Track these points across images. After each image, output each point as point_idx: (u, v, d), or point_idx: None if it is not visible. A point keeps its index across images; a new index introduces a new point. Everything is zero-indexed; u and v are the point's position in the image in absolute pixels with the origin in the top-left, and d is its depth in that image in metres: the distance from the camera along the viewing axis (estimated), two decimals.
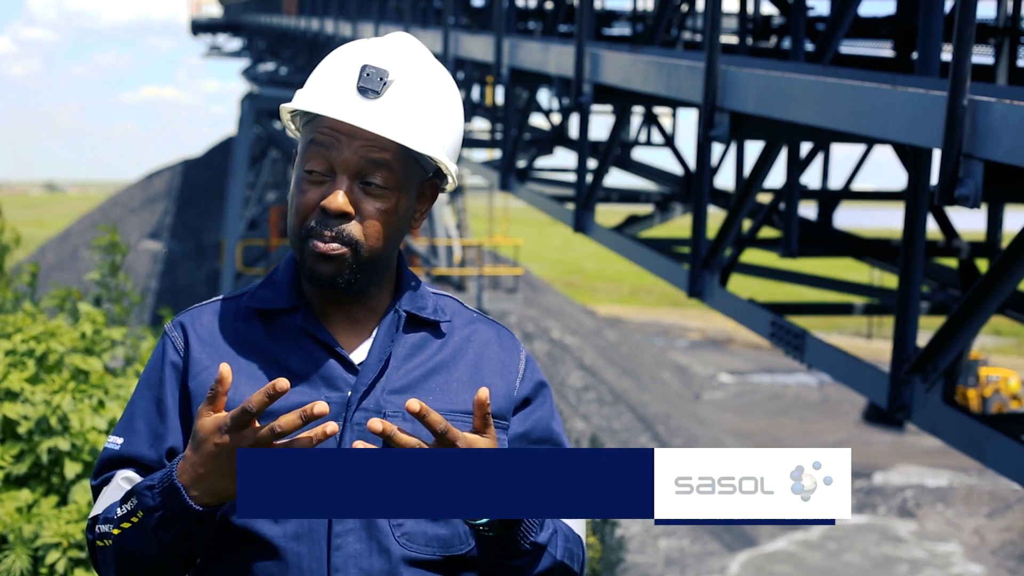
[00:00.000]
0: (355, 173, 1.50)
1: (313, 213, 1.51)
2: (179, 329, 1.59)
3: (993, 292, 3.64)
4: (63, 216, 53.47)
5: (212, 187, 28.20)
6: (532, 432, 1.62)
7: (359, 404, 1.51)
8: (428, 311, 1.60)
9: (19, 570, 3.50)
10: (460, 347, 1.60)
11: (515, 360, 1.64)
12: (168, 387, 1.56)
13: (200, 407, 1.42)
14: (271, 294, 1.59)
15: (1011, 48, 6.47)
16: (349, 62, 1.53)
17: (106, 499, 1.53)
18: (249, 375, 1.53)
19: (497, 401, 1.59)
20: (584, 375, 25.71)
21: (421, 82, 1.53)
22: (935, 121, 3.19)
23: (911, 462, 24.57)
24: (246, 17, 25.77)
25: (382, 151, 1.50)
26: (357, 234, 1.50)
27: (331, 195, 1.49)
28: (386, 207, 1.52)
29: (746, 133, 4.96)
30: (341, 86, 1.50)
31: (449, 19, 9.97)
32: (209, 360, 1.55)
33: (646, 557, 19.89)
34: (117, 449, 1.56)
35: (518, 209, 23.88)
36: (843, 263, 9.72)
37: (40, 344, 4.09)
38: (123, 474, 1.54)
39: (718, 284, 5.79)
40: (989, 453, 3.76)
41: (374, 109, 1.49)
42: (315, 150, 1.50)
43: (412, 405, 1.36)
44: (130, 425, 1.57)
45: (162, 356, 1.59)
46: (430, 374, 1.56)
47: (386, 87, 1.49)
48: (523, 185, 9.32)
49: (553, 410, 1.67)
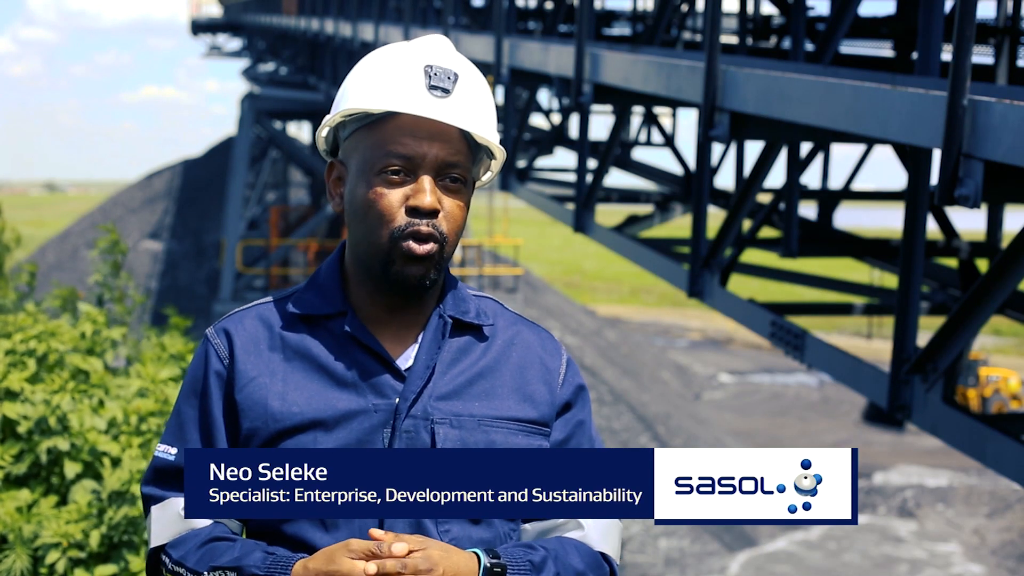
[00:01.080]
0: (438, 170, 1.51)
1: (398, 214, 1.49)
2: (223, 336, 1.58)
3: (993, 292, 3.64)
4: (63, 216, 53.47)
5: (212, 187, 28.19)
6: (571, 439, 1.62)
7: (408, 411, 1.51)
8: (471, 315, 1.60)
9: (19, 570, 3.50)
10: (504, 351, 1.60)
11: (557, 364, 1.64)
12: (213, 397, 1.55)
13: (346, 545, 1.39)
14: (316, 299, 1.58)
15: (1011, 48, 6.47)
16: (407, 63, 1.52)
17: (167, 528, 1.52)
18: (296, 383, 1.52)
19: (540, 408, 1.58)
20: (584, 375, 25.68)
21: (477, 79, 1.56)
22: (935, 121, 3.19)
23: (911, 462, 24.57)
24: (246, 17, 25.76)
25: (458, 147, 1.52)
26: (445, 230, 1.51)
27: (420, 193, 1.49)
28: (463, 202, 1.54)
29: (746, 133, 4.96)
30: (411, 86, 1.50)
31: (449, 19, 9.97)
32: (255, 370, 1.54)
33: (646, 557, 19.89)
34: (172, 460, 1.55)
35: (518, 209, 23.89)
36: (843, 263, 9.73)
37: (41, 344, 4.09)
38: (183, 503, 1.51)
39: (718, 284, 5.79)
40: (989, 453, 3.75)
41: (452, 106, 1.50)
42: (393, 148, 1.50)
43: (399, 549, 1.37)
44: (181, 434, 1.56)
45: (205, 364, 1.57)
46: (475, 379, 1.56)
47: (455, 86, 1.51)
48: (523, 185, 9.32)
49: (591, 416, 1.67)
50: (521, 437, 1.55)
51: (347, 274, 1.59)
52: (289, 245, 21.30)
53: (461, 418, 1.52)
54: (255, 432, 1.51)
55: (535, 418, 1.57)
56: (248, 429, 1.52)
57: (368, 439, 1.48)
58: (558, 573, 1.48)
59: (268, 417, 1.51)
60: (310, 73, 18.16)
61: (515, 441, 1.54)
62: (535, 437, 1.56)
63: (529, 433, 1.56)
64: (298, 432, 1.50)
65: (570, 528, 1.55)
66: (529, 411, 1.57)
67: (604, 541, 1.56)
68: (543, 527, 1.57)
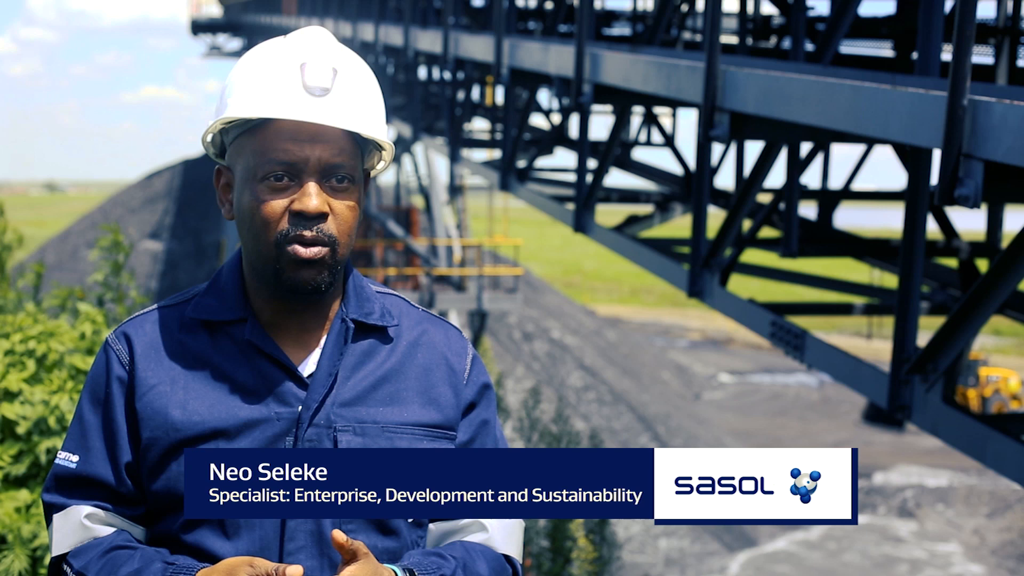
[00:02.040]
0: (323, 172, 1.47)
1: (282, 220, 1.46)
2: (123, 341, 1.55)
3: (993, 292, 3.64)
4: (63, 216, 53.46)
5: (212, 187, 28.19)
6: (475, 440, 1.60)
7: (311, 420, 1.49)
8: (375, 316, 1.57)
9: (18, 570, 3.50)
10: (408, 352, 1.58)
11: (462, 364, 1.61)
12: (116, 404, 1.52)
13: (248, 562, 1.38)
14: (215, 304, 1.55)
15: (1011, 48, 6.47)
16: (282, 63, 1.48)
17: (69, 535, 1.50)
18: (197, 391, 1.50)
19: (445, 412, 1.57)
20: (584, 375, 25.71)
21: (357, 71, 1.52)
22: (935, 121, 3.18)
23: (911, 462, 24.58)
24: (246, 17, 25.78)
25: (343, 147, 1.48)
26: (334, 232, 1.48)
27: (304, 197, 1.45)
28: (352, 201, 1.50)
29: (746, 133, 4.95)
30: (285, 87, 1.46)
31: (449, 19, 9.97)
32: (155, 378, 1.51)
33: (646, 557, 19.90)
34: (74, 468, 1.52)
35: (518, 209, 23.89)
36: (843, 263, 9.72)
37: (40, 344, 4.08)
38: (84, 511, 1.51)
39: (718, 284, 5.79)
40: (989, 453, 3.75)
41: (331, 106, 1.46)
42: (274, 154, 1.46)
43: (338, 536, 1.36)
44: (84, 442, 1.53)
45: (107, 370, 1.54)
46: (380, 383, 1.54)
47: (333, 83, 1.47)
48: (523, 185, 9.32)
49: (495, 415, 1.65)
50: (426, 443, 1.53)
51: (247, 280, 1.56)
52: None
53: (364, 425, 1.51)
54: (155, 442, 1.49)
55: (440, 422, 1.56)
56: (148, 439, 1.49)
57: (270, 448, 1.46)
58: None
59: (169, 427, 1.48)
60: None
61: (420, 447, 1.53)
62: (440, 441, 1.55)
63: (434, 438, 1.54)
64: (199, 441, 1.48)
65: (474, 530, 1.55)
66: (434, 415, 1.55)
67: (508, 543, 1.56)
68: (447, 528, 1.56)
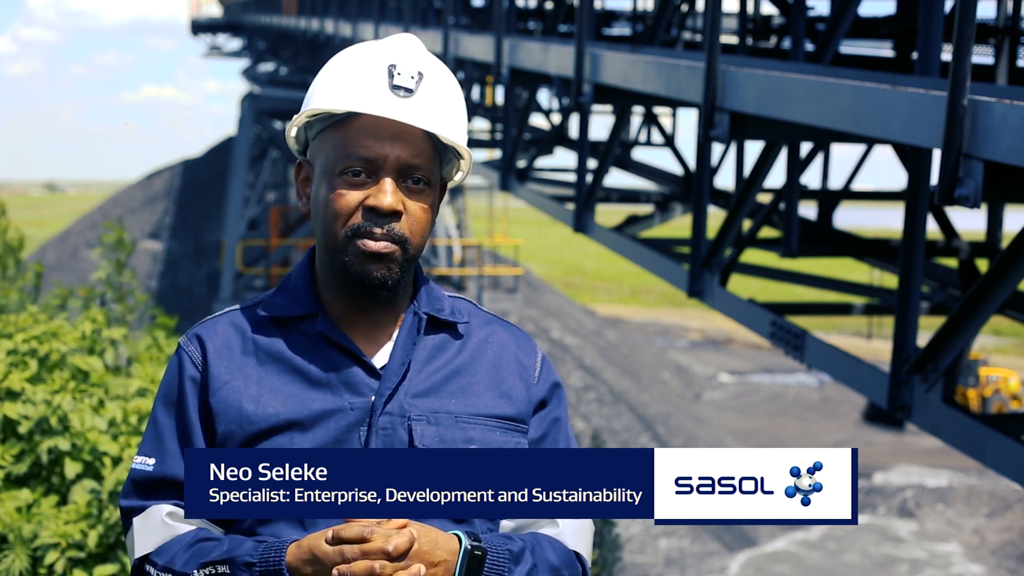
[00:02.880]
0: (400, 171, 1.50)
1: (355, 214, 1.49)
2: (196, 342, 1.57)
3: (993, 292, 3.64)
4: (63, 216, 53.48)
5: (212, 187, 28.19)
6: (547, 437, 1.62)
7: (383, 409, 1.51)
8: (446, 313, 1.60)
9: (18, 570, 3.50)
10: (479, 349, 1.60)
11: (532, 361, 1.63)
12: (190, 403, 1.54)
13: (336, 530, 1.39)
14: (286, 301, 1.57)
15: (1011, 48, 6.47)
16: (371, 63, 1.51)
17: (152, 535, 1.50)
18: (270, 386, 1.52)
19: (517, 405, 1.58)
20: (584, 375, 25.70)
21: (443, 78, 1.55)
22: (935, 121, 3.18)
23: (911, 462, 24.57)
24: (246, 17, 25.77)
25: (422, 148, 1.51)
26: (407, 232, 1.50)
27: (380, 194, 1.48)
28: (427, 204, 1.52)
29: (746, 133, 4.95)
30: (373, 86, 1.49)
31: (449, 19, 9.97)
32: (228, 375, 1.53)
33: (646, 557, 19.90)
34: (151, 471, 1.53)
35: (518, 209, 23.89)
36: (843, 263, 9.72)
37: (42, 344, 4.09)
38: (165, 510, 1.51)
39: (718, 284, 5.79)
40: (989, 453, 3.75)
41: (415, 107, 1.49)
42: (354, 150, 1.49)
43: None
44: (159, 444, 1.54)
45: (179, 371, 1.56)
46: (452, 376, 1.56)
47: (419, 85, 1.50)
48: (523, 185, 9.32)
49: (566, 413, 1.67)
50: (499, 434, 1.55)
51: (317, 276, 1.58)
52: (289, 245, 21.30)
53: (438, 415, 1.52)
54: (230, 435, 1.50)
55: (512, 414, 1.57)
56: (223, 433, 1.50)
57: (345, 438, 1.48)
58: (535, 565, 1.48)
59: (243, 420, 1.50)
60: (310, 73, 18.14)
61: (493, 437, 1.54)
62: (512, 434, 1.56)
63: (507, 430, 1.56)
64: (274, 433, 1.49)
65: (544, 525, 1.56)
66: (506, 407, 1.57)
67: (577, 540, 1.57)
68: (520, 522, 1.57)
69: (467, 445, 1.52)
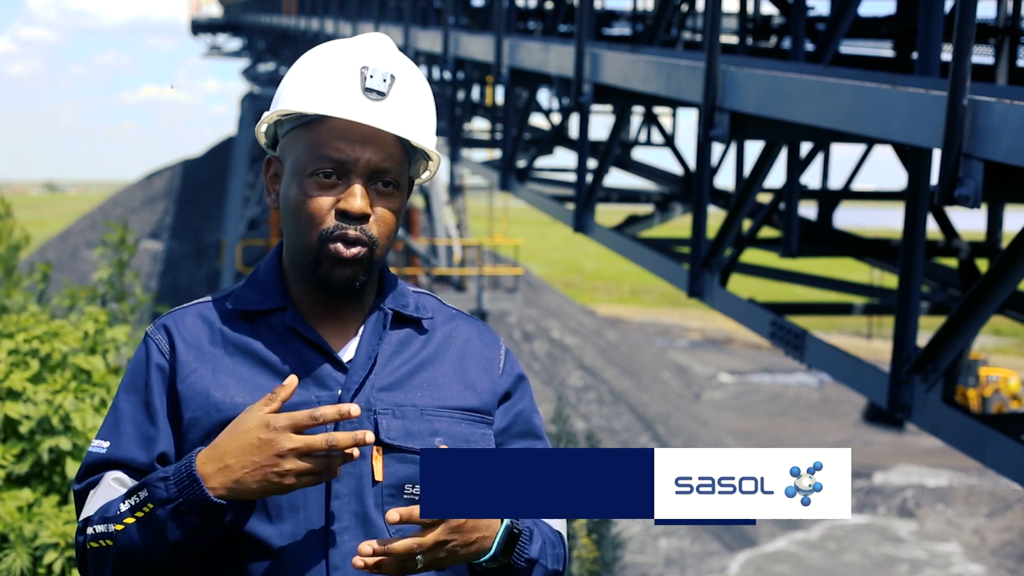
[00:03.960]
0: (371, 175, 1.51)
1: (327, 217, 1.51)
2: (163, 331, 1.58)
3: (993, 292, 3.64)
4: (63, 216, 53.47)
5: (212, 187, 28.21)
6: (513, 427, 1.65)
7: (350, 402, 1.51)
8: (411, 308, 1.63)
9: (19, 569, 3.51)
10: (443, 343, 1.63)
11: (496, 355, 1.66)
12: (156, 390, 1.54)
13: (254, 405, 1.44)
14: (257, 295, 1.59)
15: (1011, 48, 6.47)
16: (343, 64, 1.52)
17: (98, 500, 1.50)
18: (238, 376, 1.53)
19: (482, 397, 1.61)
20: (584, 375, 25.71)
21: (414, 80, 1.56)
22: (935, 121, 3.19)
23: (911, 462, 24.58)
24: (246, 17, 25.76)
25: (392, 152, 1.52)
26: (375, 234, 1.52)
27: (350, 198, 1.50)
28: (395, 206, 1.54)
29: (746, 133, 4.96)
30: (344, 88, 1.50)
31: (449, 19, 9.97)
32: (197, 363, 1.54)
33: (646, 557, 19.90)
34: (103, 453, 1.53)
35: (518, 209, 23.89)
36: (843, 263, 9.72)
37: (44, 344, 4.09)
38: (112, 475, 1.52)
39: (718, 284, 5.79)
40: (989, 453, 3.76)
41: (386, 111, 1.51)
42: (326, 152, 1.50)
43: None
44: (116, 429, 1.54)
45: (146, 359, 1.56)
46: (417, 370, 1.58)
47: (390, 88, 1.51)
48: (523, 185, 9.32)
49: (532, 403, 1.70)
50: (464, 426, 1.57)
51: (286, 271, 1.60)
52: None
53: (404, 408, 1.54)
54: (196, 421, 1.51)
55: (477, 406, 1.60)
56: (189, 419, 1.51)
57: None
58: (544, 541, 1.55)
59: (211, 407, 1.51)
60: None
61: (459, 430, 1.57)
62: (478, 425, 1.59)
63: (472, 422, 1.59)
64: None
65: None
66: (471, 399, 1.60)
67: (559, 522, 1.63)
68: None
69: (433, 438, 1.54)
